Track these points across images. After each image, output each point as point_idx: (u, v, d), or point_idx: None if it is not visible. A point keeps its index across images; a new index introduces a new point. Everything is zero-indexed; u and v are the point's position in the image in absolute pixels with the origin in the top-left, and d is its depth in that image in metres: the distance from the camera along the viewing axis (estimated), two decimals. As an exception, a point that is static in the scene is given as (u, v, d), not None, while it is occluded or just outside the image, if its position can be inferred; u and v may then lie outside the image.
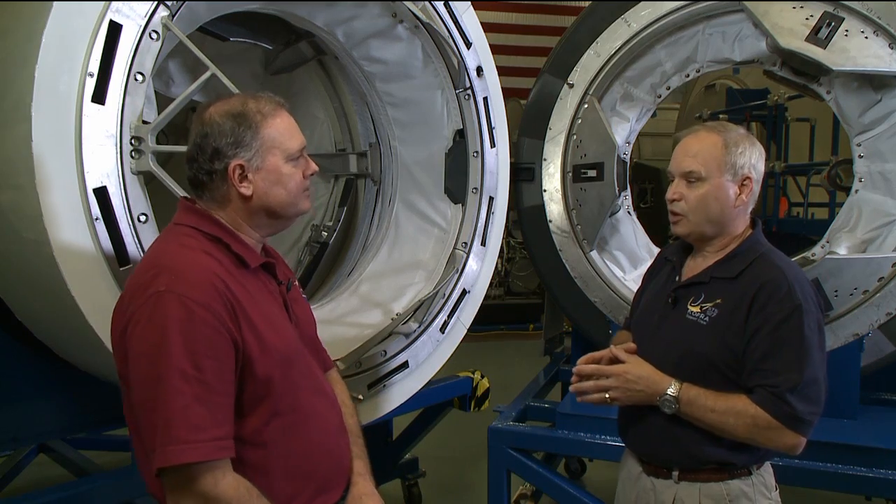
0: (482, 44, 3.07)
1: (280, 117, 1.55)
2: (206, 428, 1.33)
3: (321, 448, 1.58)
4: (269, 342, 1.46)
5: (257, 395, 1.45)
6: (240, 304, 1.43)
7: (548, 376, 3.76)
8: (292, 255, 3.70)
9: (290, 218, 1.61)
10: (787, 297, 1.66)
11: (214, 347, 1.37)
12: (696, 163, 1.75)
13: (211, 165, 1.49)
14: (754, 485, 1.75)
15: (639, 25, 3.25)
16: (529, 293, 8.74)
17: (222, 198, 1.52)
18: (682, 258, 1.91)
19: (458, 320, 3.06)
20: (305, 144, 1.59)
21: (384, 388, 2.81)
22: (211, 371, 1.35)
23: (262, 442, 1.47)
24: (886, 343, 2.95)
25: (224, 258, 1.48)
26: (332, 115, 3.63)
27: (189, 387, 1.32)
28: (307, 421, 1.55)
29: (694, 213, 1.77)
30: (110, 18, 1.92)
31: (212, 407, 1.35)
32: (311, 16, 2.81)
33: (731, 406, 1.66)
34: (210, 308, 1.37)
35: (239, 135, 1.48)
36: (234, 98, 1.56)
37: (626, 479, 1.93)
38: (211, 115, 1.50)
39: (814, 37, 2.89)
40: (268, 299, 1.54)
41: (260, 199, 1.52)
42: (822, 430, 2.73)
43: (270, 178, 1.52)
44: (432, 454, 4.10)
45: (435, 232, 3.19)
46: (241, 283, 1.47)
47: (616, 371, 1.78)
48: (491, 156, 3.12)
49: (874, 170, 3.00)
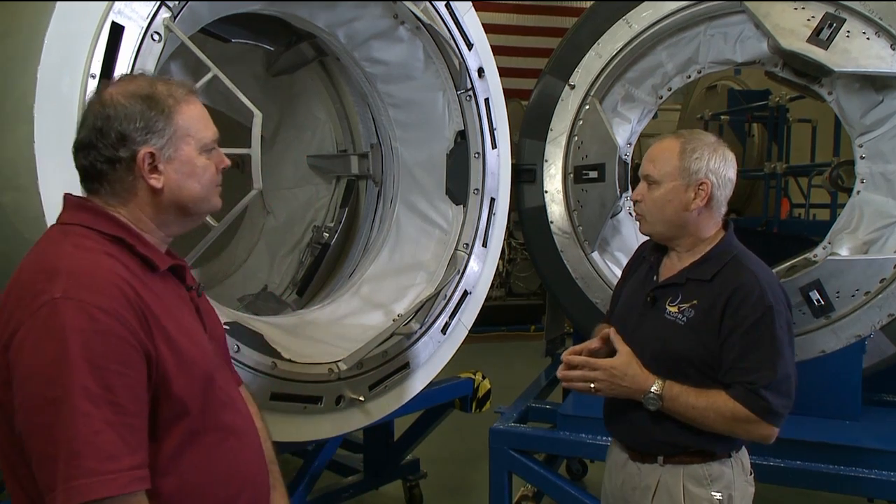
0: (483, 45, 3.07)
1: (193, 103, 1.39)
2: (121, 456, 1.14)
3: (243, 476, 1.40)
4: (188, 356, 1.29)
5: (173, 416, 1.26)
6: (152, 312, 1.24)
7: (549, 377, 3.75)
8: (294, 256, 3.70)
9: (201, 215, 1.46)
10: (759, 300, 1.76)
11: (125, 362, 1.18)
12: (654, 167, 1.89)
13: (114, 153, 1.30)
14: (733, 466, 1.86)
15: (640, 27, 3.25)
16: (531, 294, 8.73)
17: (125, 191, 1.33)
18: (658, 257, 2.01)
19: (459, 321, 3.06)
20: (219, 136, 1.45)
21: (385, 389, 2.81)
22: (122, 389, 1.16)
23: (178, 470, 1.27)
24: (888, 344, 2.94)
25: (129, 261, 1.29)
26: (334, 116, 3.63)
27: (97, 409, 1.12)
28: (229, 446, 1.37)
29: (650, 213, 1.90)
30: (112, 20, 1.93)
31: (125, 431, 1.16)
32: (312, 17, 2.81)
33: (712, 402, 1.76)
34: (118, 316, 1.18)
35: (150, 119, 1.31)
36: (139, 78, 1.39)
37: (613, 466, 2.02)
38: (113, 96, 1.32)
39: (815, 38, 2.89)
40: (180, 307, 1.38)
41: (171, 193, 1.35)
42: (825, 432, 2.76)
43: (184, 169, 1.35)
44: (434, 455, 4.09)
45: (436, 233, 3.19)
46: (150, 289, 1.28)
47: (604, 365, 1.86)
48: (492, 157, 3.12)
49: (876, 171, 3.00)
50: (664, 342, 1.84)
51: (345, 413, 2.66)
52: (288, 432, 2.48)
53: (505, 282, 8.74)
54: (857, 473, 2.54)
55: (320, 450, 2.90)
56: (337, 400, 2.60)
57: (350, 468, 3.74)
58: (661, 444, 1.86)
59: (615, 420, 1.98)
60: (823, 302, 2.89)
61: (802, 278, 2.91)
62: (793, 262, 2.99)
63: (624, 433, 1.97)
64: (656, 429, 1.84)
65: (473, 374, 3.54)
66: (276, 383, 2.40)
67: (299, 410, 2.49)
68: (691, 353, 1.80)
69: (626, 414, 1.91)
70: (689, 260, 1.90)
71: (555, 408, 3.25)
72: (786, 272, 2.96)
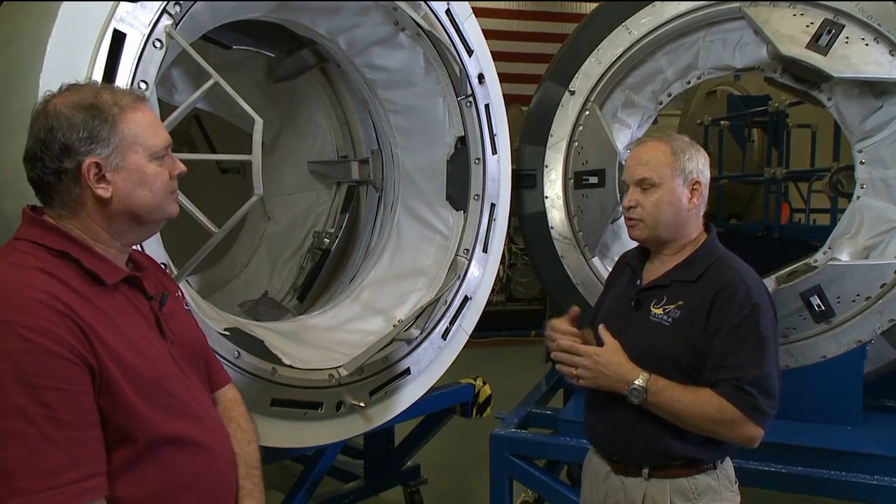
0: (484, 51, 3.08)
1: (141, 111, 1.38)
2: (61, 472, 1.15)
3: (200, 485, 1.38)
4: (133, 367, 1.29)
5: (121, 427, 1.27)
6: (90, 327, 1.24)
7: (550, 383, 3.75)
8: (294, 261, 3.70)
9: (157, 223, 1.44)
10: (745, 298, 1.76)
11: (62, 378, 1.18)
12: (649, 170, 1.87)
13: (59, 164, 1.30)
14: (719, 478, 1.84)
15: (640, 33, 3.26)
16: (531, 299, 8.74)
17: (74, 202, 1.33)
18: (641, 263, 2.00)
19: (459, 327, 3.06)
20: (171, 142, 1.43)
21: (386, 394, 2.81)
22: (62, 405, 1.17)
23: (127, 482, 1.27)
24: (889, 350, 2.94)
25: (72, 276, 1.28)
26: (334, 123, 3.64)
27: (33, 428, 1.13)
28: (182, 454, 1.35)
29: (650, 217, 1.88)
30: (114, 27, 1.93)
31: (70, 445, 1.17)
32: (313, 24, 2.82)
33: (697, 397, 1.75)
34: (51, 334, 1.18)
35: (93, 129, 1.30)
36: (84, 87, 1.38)
37: (594, 478, 1.98)
38: (57, 107, 1.32)
39: (814, 44, 2.89)
40: (131, 318, 1.36)
41: (121, 202, 1.34)
42: (826, 438, 2.76)
43: (133, 178, 1.34)
44: (434, 461, 4.08)
45: (437, 239, 3.20)
46: (92, 303, 1.28)
47: (589, 352, 1.85)
48: (493, 162, 3.13)
49: (876, 176, 3.00)
50: (649, 343, 1.83)
51: (345, 419, 2.65)
52: (288, 438, 2.48)
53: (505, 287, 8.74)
54: (859, 479, 2.53)
55: (321, 456, 2.89)
56: (337, 406, 2.60)
57: (350, 474, 3.73)
58: (645, 451, 1.83)
59: (597, 429, 1.96)
60: (824, 307, 2.89)
61: (803, 284, 2.91)
62: (793, 267, 2.98)
63: (607, 442, 1.94)
64: (641, 433, 1.81)
65: (474, 380, 3.54)
66: (276, 389, 2.40)
67: (300, 416, 2.48)
68: (677, 353, 1.79)
69: (609, 420, 1.89)
70: (673, 262, 1.91)
71: (556, 413, 3.24)
72: (786, 277, 2.96)
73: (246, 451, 1.54)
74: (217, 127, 4.02)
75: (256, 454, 1.58)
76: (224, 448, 1.47)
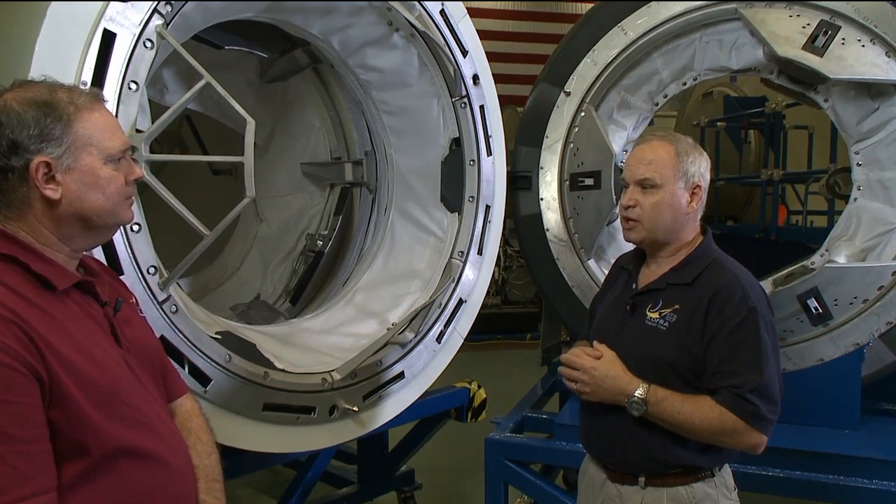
0: (478, 52, 3.06)
1: (98, 112, 1.34)
2: (7, 489, 1.11)
3: (158, 499, 1.33)
4: (85, 375, 1.24)
5: (73, 439, 1.22)
6: (39, 334, 1.19)
7: (545, 386, 3.74)
8: (287, 264, 3.68)
9: (110, 228, 1.41)
10: (741, 300, 1.74)
11: (8, 389, 1.13)
12: (652, 170, 1.83)
13: (6, 161, 1.25)
14: (717, 486, 1.82)
15: (635, 34, 3.25)
16: (527, 302, 8.73)
17: (20, 203, 1.28)
18: (637, 267, 1.97)
19: (454, 330, 3.04)
20: (129, 145, 1.40)
21: (380, 398, 2.78)
22: (7, 417, 1.12)
23: (84, 495, 1.23)
24: (887, 352, 2.93)
25: (19, 282, 1.24)
26: (328, 124, 3.61)
27: None
28: (138, 467, 1.30)
29: (648, 219, 1.84)
30: (104, 27, 1.90)
31: (15, 460, 1.12)
32: (306, 24, 2.80)
33: (698, 407, 1.71)
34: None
35: (45, 127, 1.26)
36: (39, 84, 1.33)
37: (590, 486, 1.96)
38: (8, 103, 1.27)
39: (810, 45, 2.88)
40: (84, 325, 1.31)
41: (71, 205, 1.29)
42: (824, 441, 2.75)
43: (85, 180, 1.30)
44: (429, 466, 4.06)
45: (431, 241, 3.17)
46: (42, 310, 1.23)
47: (585, 366, 1.83)
48: (487, 164, 3.11)
49: (873, 178, 2.99)
50: (646, 349, 1.80)
51: (338, 423, 2.63)
52: (281, 443, 2.45)
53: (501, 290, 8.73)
54: (857, 483, 2.52)
55: (313, 461, 2.87)
56: (330, 410, 2.57)
57: (344, 479, 3.70)
58: (643, 460, 1.80)
59: (593, 437, 1.93)
60: (821, 310, 2.87)
61: (800, 286, 2.89)
62: (790, 269, 2.97)
63: (603, 450, 1.91)
64: (638, 441, 1.79)
65: (469, 384, 3.51)
66: (268, 393, 2.37)
67: (292, 421, 2.45)
68: (674, 359, 1.77)
69: (605, 428, 1.87)
70: (669, 265, 1.87)
71: (551, 417, 3.23)
72: (783, 280, 2.95)
73: (206, 465, 1.49)
74: (209, 128, 3.99)
75: (217, 467, 1.53)
76: (183, 461, 1.42)
